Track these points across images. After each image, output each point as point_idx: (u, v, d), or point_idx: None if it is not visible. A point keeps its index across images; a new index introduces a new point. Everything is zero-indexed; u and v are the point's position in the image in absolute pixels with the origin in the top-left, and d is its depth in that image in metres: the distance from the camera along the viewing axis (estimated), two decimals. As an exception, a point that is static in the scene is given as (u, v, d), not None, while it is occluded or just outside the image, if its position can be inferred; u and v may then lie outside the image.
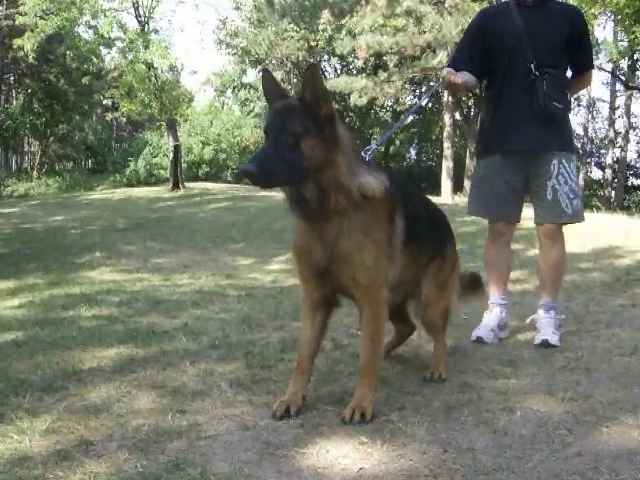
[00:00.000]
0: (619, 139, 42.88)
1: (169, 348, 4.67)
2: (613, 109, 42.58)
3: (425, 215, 4.02)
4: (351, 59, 41.96)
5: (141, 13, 25.43)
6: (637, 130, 48.69)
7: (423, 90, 39.90)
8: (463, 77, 5.03)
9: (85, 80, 27.41)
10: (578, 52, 5.21)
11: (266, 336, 5.07)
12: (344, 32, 33.90)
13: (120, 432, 3.11)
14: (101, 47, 26.55)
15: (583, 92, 36.97)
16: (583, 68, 5.39)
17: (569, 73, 5.32)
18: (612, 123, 42.02)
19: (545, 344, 4.89)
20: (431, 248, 4.04)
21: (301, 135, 3.16)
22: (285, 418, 3.34)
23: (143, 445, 2.95)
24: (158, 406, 3.47)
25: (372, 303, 3.50)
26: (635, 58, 33.76)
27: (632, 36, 24.92)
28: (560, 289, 5.51)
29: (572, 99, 5.37)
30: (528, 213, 5.32)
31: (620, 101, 43.45)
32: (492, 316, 5.26)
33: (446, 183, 31.04)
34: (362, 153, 3.66)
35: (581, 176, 41.32)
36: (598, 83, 50.17)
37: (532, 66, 4.94)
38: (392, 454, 2.90)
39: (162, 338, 4.98)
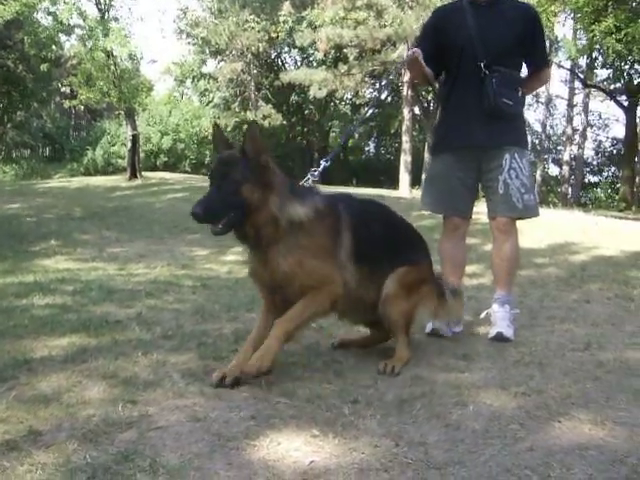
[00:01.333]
0: (576, 136, 43.33)
1: (122, 338, 4.62)
2: (571, 106, 43.00)
3: (384, 231, 4.29)
4: (311, 51, 41.93)
5: (101, 1, 25.20)
6: (594, 127, 49.28)
7: (382, 83, 39.98)
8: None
9: (44, 67, 27.19)
10: (532, 51, 5.25)
11: (220, 327, 5.04)
12: (305, 24, 33.92)
13: (70, 422, 3.07)
14: (60, 34, 26.26)
15: (542, 89, 37.26)
16: (538, 66, 5.42)
17: (525, 71, 5.38)
18: (570, 120, 42.42)
19: (499, 337, 4.92)
20: (391, 258, 4.23)
21: (241, 182, 3.68)
22: (220, 387, 3.62)
23: (92, 436, 2.91)
24: (109, 396, 3.43)
25: (318, 290, 3.87)
26: (594, 56, 34.05)
27: (591, 34, 25.11)
28: (514, 283, 5.56)
29: (526, 96, 5.37)
30: (484, 207, 5.35)
31: (578, 99, 43.96)
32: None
33: (404, 177, 31.17)
34: (309, 175, 4.35)
35: (538, 172, 41.73)
36: (557, 80, 50.76)
37: (482, 65, 4.98)
38: (344, 447, 2.89)
39: (115, 328, 4.93)
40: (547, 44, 25.07)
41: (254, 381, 3.71)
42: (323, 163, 4.63)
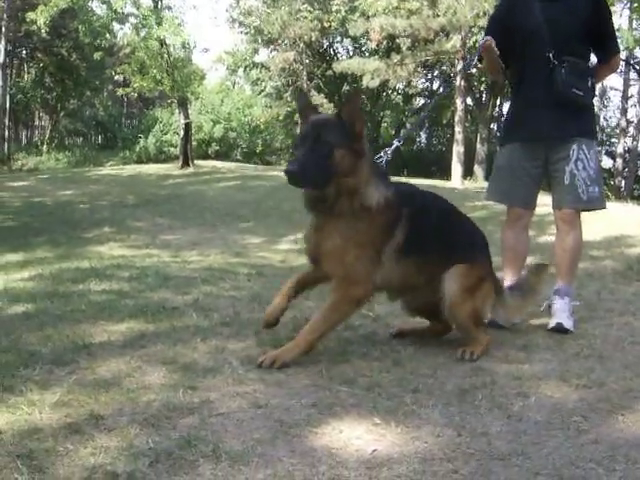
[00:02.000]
0: (631, 128, 42.70)
1: (179, 324, 4.63)
2: (626, 98, 42.42)
3: (441, 226, 4.24)
4: (364, 41, 41.80)
5: (155, -11, 25.37)
6: (648, 118, 48.49)
7: (435, 74, 39.84)
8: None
9: (97, 56, 27.40)
10: (601, 38, 5.20)
11: (277, 315, 5.03)
12: (358, 13, 33.74)
13: (131, 407, 3.07)
14: (114, 23, 26.47)
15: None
16: (608, 53, 5.37)
17: (594, 59, 5.34)
18: (624, 112, 41.87)
19: (559, 328, 4.88)
20: (449, 251, 4.20)
21: (335, 146, 3.66)
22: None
23: (154, 420, 2.91)
24: (169, 382, 3.43)
25: (340, 294, 3.91)
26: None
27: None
28: (575, 275, 5.51)
29: (595, 86, 5.31)
30: (541, 199, 5.29)
31: (633, 90, 43.27)
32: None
33: (456, 168, 30.96)
34: (382, 154, 4.37)
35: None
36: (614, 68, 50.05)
37: (551, 55, 4.96)
38: (406, 436, 2.86)
39: (172, 314, 4.94)
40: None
41: (315, 369, 3.72)
42: (396, 143, 4.63)
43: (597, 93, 5.76)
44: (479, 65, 5.53)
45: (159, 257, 8.29)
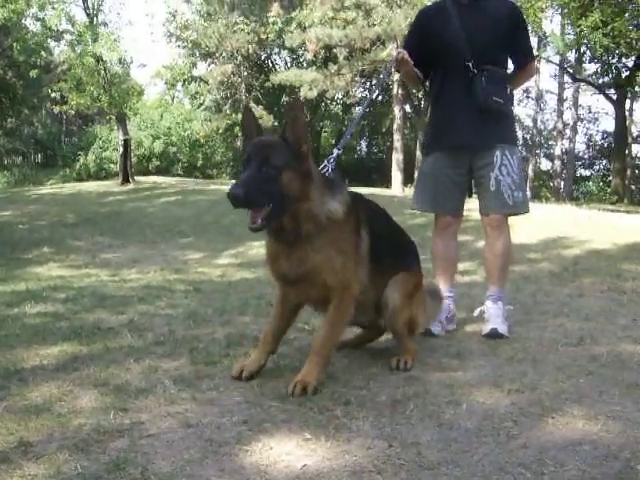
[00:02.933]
0: (567, 130, 43.38)
1: (114, 345, 4.60)
2: (561, 101, 43.11)
3: (388, 232, 4.32)
4: (301, 52, 41.88)
5: (90, 5, 25.22)
6: (585, 121, 49.38)
7: (373, 83, 40.00)
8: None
9: (33, 73, 27.02)
10: (517, 46, 5.30)
11: (212, 331, 5.03)
12: (294, 25, 33.81)
13: (61, 432, 3.05)
14: (49, 40, 26.25)
15: (531, 84, 37.48)
16: (524, 60, 5.45)
17: (511, 66, 5.42)
18: (560, 115, 42.54)
19: (493, 334, 4.95)
20: (394, 263, 4.23)
21: (282, 168, 3.52)
22: (238, 380, 3.78)
23: (84, 445, 2.89)
24: (100, 404, 3.41)
25: (342, 296, 3.84)
26: (582, 51, 34.14)
27: (578, 29, 25.24)
28: (507, 280, 5.58)
29: (515, 92, 5.45)
30: (476, 204, 5.37)
31: (568, 93, 44.02)
32: (442, 309, 5.27)
33: (396, 175, 31.17)
34: (326, 164, 4.24)
35: (530, 167, 41.83)
36: (546, 75, 50.80)
37: (470, 64, 5.03)
38: (336, 450, 2.87)
39: (107, 335, 4.91)
40: (534, 38, 25.18)
41: (247, 385, 3.72)
42: (336, 151, 4.61)
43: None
44: (393, 77, 5.64)
45: (97, 277, 8.24)
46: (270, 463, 2.75)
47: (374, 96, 32.80)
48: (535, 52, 5.67)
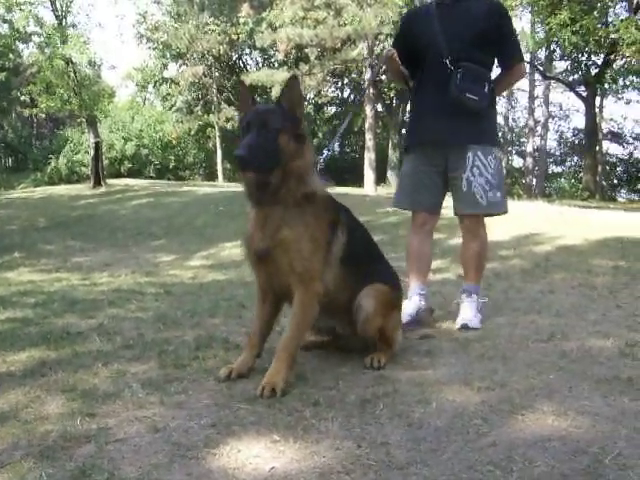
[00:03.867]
0: (539, 128, 43.75)
1: (82, 349, 4.55)
2: (532, 98, 43.42)
3: (366, 244, 4.41)
4: (272, 52, 41.90)
5: (58, 7, 25.10)
6: (556, 119, 49.71)
7: (345, 82, 40.08)
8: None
9: (2, 76, 26.96)
10: (501, 46, 5.31)
11: (181, 334, 4.99)
12: (265, 25, 33.76)
13: (26, 439, 3.00)
14: (17, 42, 26.07)
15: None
16: (509, 61, 5.46)
17: (498, 68, 5.50)
18: (531, 112, 42.84)
19: (465, 327, 5.08)
20: (369, 274, 4.22)
21: (279, 130, 3.71)
22: (227, 381, 3.79)
23: (50, 452, 2.85)
24: (68, 410, 3.37)
25: (305, 291, 3.85)
26: (552, 49, 34.37)
27: (547, 27, 25.40)
28: (482, 276, 5.65)
29: (497, 92, 5.53)
30: (450, 202, 5.39)
31: (539, 91, 44.35)
32: (411, 304, 5.36)
33: (368, 175, 31.19)
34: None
35: (502, 164, 42.06)
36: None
37: (447, 61, 5.08)
38: (305, 451, 2.85)
39: (76, 339, 4.86)
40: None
41: (216, 388, 3.69)
42: (325, 151, 4.81)
43: (504, 95, 5.91)
44: (383, 76, 5.75)
45: (68, 280, 8.19)
46: (238, 466, 2.73)
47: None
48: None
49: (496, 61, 5.41)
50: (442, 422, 3.18)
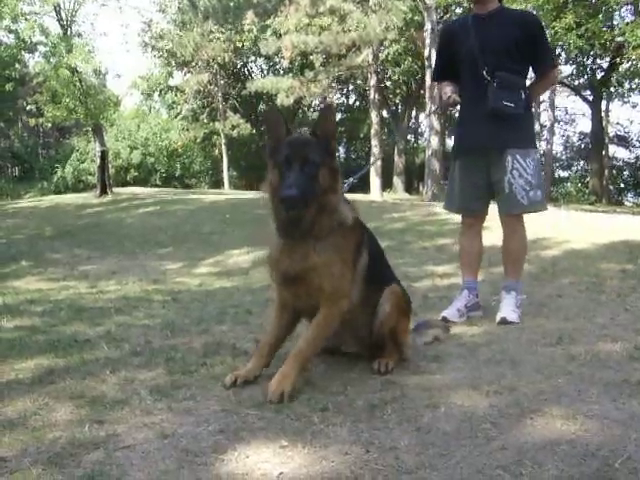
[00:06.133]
0: (545, 132, 43.57)
1: (90, 357, 4.56)
2: (538, 103, 43.25)
3: (381, 254, 4.48)
4: (277, 59, 41.97)
5: (63, 17, 25.13)
6: (562, 123, 49.67)
7: (350, 89, 40.12)
8: (448, 88, 5.75)
9: (8, 86, 26.90)
10: (535, 54, 5.57)
11: (189, 341, 4.99)
12: (269, 32, 33.87)
13: (35, 446, 3.00)
14: (23, 52, 26.13)
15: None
16: (543, 68, 5.76)
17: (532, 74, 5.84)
18: (537, 116, 42.69)
19: (504, 321, 5.40)
20: (382, 281, 4.28)
21: (319, 164, 3.65)
22: (232, 387, 3.77)
23: (58, 459, 2.86)
24: (76, 417, 3.37)
25: (332, 307, 3.88)
26: (557, 52, 34.33)
27: (552, 31, 25.42)
28: (522, 272, 5.97)
29: (533, 97, 5.95)
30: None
31: (544, 95, 44.17)
32: (461, 298, 5.78)
33: (375, 181, 31.20)
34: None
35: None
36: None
37: (484, 72, 5.39)
38: (313, 456, 2.86)
39: (84, 347, 4.86)
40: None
41: (224, 394, 3.69)
42: (351, 179, 4.84)
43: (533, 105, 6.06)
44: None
45: (75, 289, 8.18)
46: (247, 472, 2.73)
47: (351, 101, 32.81)
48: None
49: (531, 68, 5.73)
50: (451, 426, 3.18)
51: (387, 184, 35.22)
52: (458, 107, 5.94)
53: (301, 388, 3.75)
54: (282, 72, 41.41)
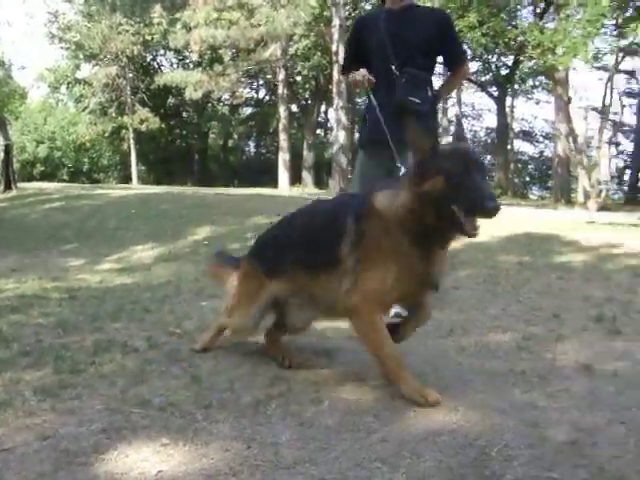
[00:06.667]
0: (452, 128, 44.21)
1: (-24, 358, 4.46)
2: (445, 99, 43.96)
3: None
4: (187, 53, 41.70)
5: (-36, 7, 24.58)
6: (469, 118, 50.54)
7: (260, 83, 40.12)
8: (363, 69, 5.56)
9: None
10: (447, 51, 5.69)
11: (81, 339, 4.89)
12: (179, 26, 33.61)
13: None
14: None
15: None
16: (454, 65, 5.82)
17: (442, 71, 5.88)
18: (445, 112, 43.33)
19: (398, 316, 5.13)
20: None
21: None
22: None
23: None
24: (-45, 420, 3.31)
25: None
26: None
27: (457, 29, 26.08)
28: None
29: (437, 95, 5.86)
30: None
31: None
32: None
33: (283, 175, 31.31)
34: None
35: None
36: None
37: (393, 67, 5.41)
38: (194, 454, 2.86)
39: (-28, 348, 4.77)
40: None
41: (110, 392, 3.65)
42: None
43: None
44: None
45: (-28, 288, 8.00)
46: (125, 471, 2.72)
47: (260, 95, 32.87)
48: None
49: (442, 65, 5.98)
50: (334, 420, 3.22)
51: (297, 179, 35.31)
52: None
53: (188, 385, 3.76)
54: (192, 66, 41.13)
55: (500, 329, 5.00)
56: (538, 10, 30.36)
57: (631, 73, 41.77)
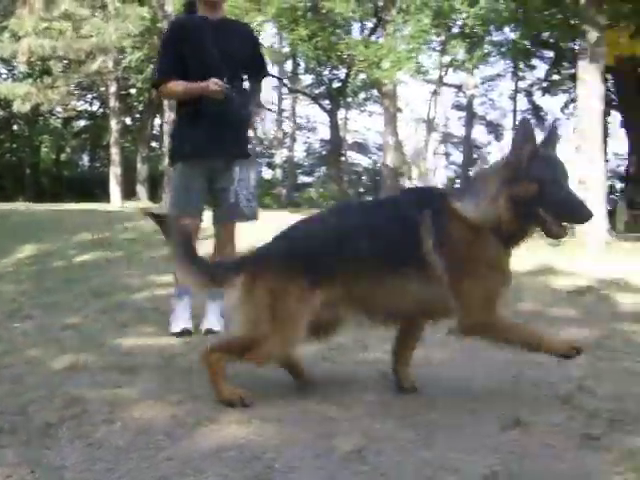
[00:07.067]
0: (287, 140, 44.71)
1: None
2: (280, 111, 44.37)
3: None
4: (16, 64, 40.49)
5: None
6: (304, 130, 51.11)
7: (94, 96, 39.46)
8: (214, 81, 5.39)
9: None
10: (255, 65, 5.88)
11: None
12: (7, 34, 32.56)
13: None
14: None
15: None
16: (261, 77, 6.08)
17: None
18: (280, 124, 43.81)
19: (210, 332, 5.49)
20: None
21: None
22: None
23: None
24: None
25: None
26: (297, 62, 35.43)
27: (289, 42, 26.42)
28: None
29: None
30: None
31: (286, 103, 45.39)
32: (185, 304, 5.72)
33: (115, 189, 30.94)
34: None
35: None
36: (267, 87, 52.23)
37: (225, 79, 5.39)
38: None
39: None
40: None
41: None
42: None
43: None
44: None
45: None
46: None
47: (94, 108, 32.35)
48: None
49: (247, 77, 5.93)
50: (124, 440, 3.17)
51: (132, 193, 34.82)
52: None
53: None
54: (22, 77, 39.94)
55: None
56: (371, 25, 31.09)
57: (459, 87, 43.59)
